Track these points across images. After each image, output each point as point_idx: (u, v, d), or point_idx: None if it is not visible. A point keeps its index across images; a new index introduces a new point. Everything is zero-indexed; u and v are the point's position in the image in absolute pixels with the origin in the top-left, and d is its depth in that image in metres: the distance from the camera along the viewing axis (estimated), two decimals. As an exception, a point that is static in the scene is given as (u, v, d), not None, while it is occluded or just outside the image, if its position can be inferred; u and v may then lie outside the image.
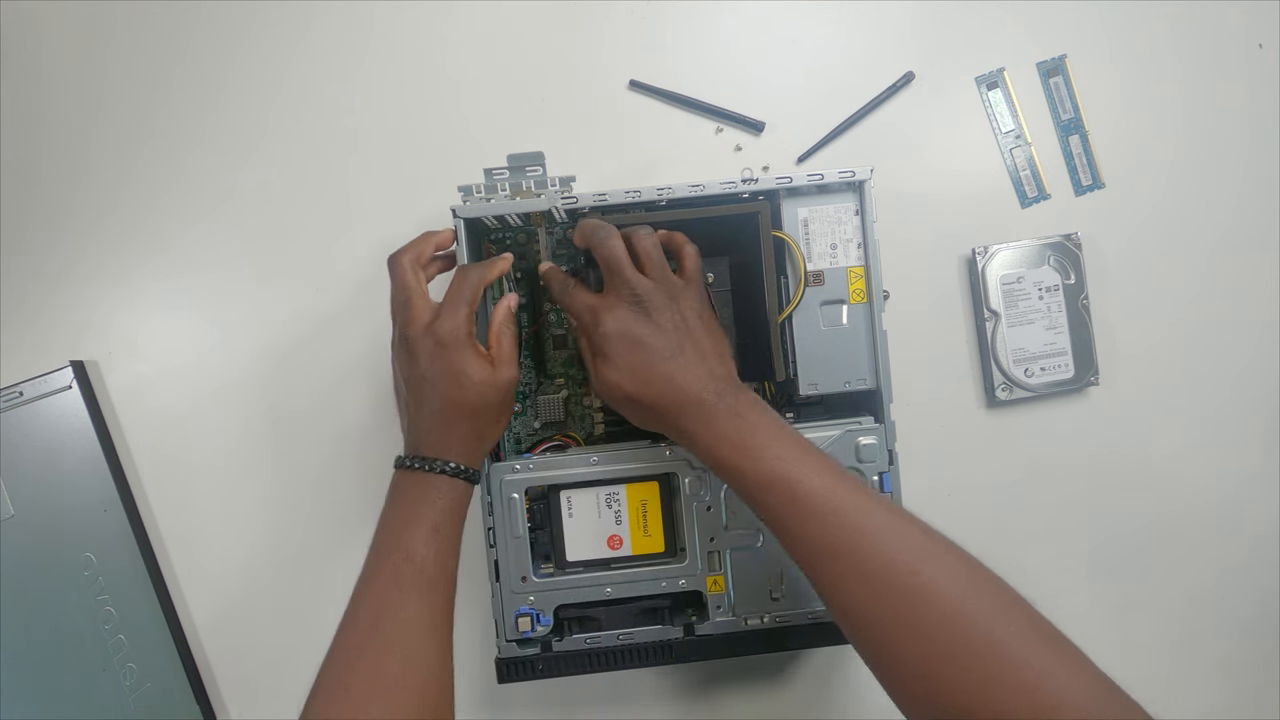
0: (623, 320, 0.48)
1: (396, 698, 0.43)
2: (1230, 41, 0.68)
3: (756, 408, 0.46)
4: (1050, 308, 0.65)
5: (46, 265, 0.67)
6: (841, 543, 0.42)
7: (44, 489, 0.63)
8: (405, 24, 0.67)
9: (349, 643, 0.45)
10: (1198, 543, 0.67)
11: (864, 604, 0.41)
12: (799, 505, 0.43)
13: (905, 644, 0.39)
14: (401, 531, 0.48)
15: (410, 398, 0.51)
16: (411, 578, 0.46)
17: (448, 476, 0.49)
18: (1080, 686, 0.37)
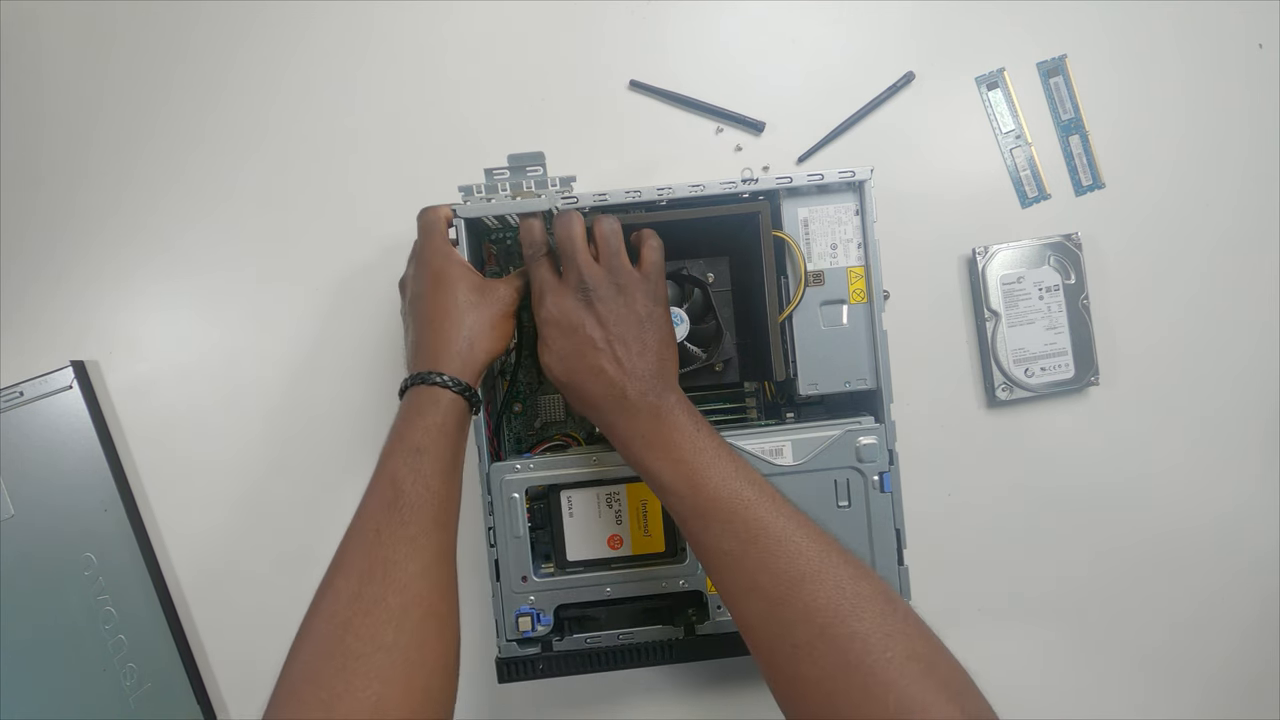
0: (563, 306, 0.49)
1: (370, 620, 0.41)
2: (1230, 41, 0.68)
3: (679, 408, 0.47)
4: (1050, 308, 0.65)
5: (47, 265, 0.67)
6: (738, 549, 0.42)
7: (44, 489, 0.63)
8: (405, 24, 0.67)
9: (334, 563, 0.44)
10: (1198, 542, 0.67)
11: (754, 612, 0.41)
12: (700, 509, 0.43)
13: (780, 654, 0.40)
14: (386, 455, 0.47)
15: (412, 330, 0.52)
16: (391, 500, 0.45)
17: (436, 388, 0.48)
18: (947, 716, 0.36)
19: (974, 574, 0.66)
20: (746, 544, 0.42)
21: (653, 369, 0.48)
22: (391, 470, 0.46)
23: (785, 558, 0.41)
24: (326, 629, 0.41)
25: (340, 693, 0.39)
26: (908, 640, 0.39)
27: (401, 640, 0.41)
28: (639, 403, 0.47)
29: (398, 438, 0.47)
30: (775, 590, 0.40)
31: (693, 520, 0.44)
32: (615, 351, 0.48)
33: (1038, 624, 0.66)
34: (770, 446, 0.54)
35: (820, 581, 0.40)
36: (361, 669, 0.39)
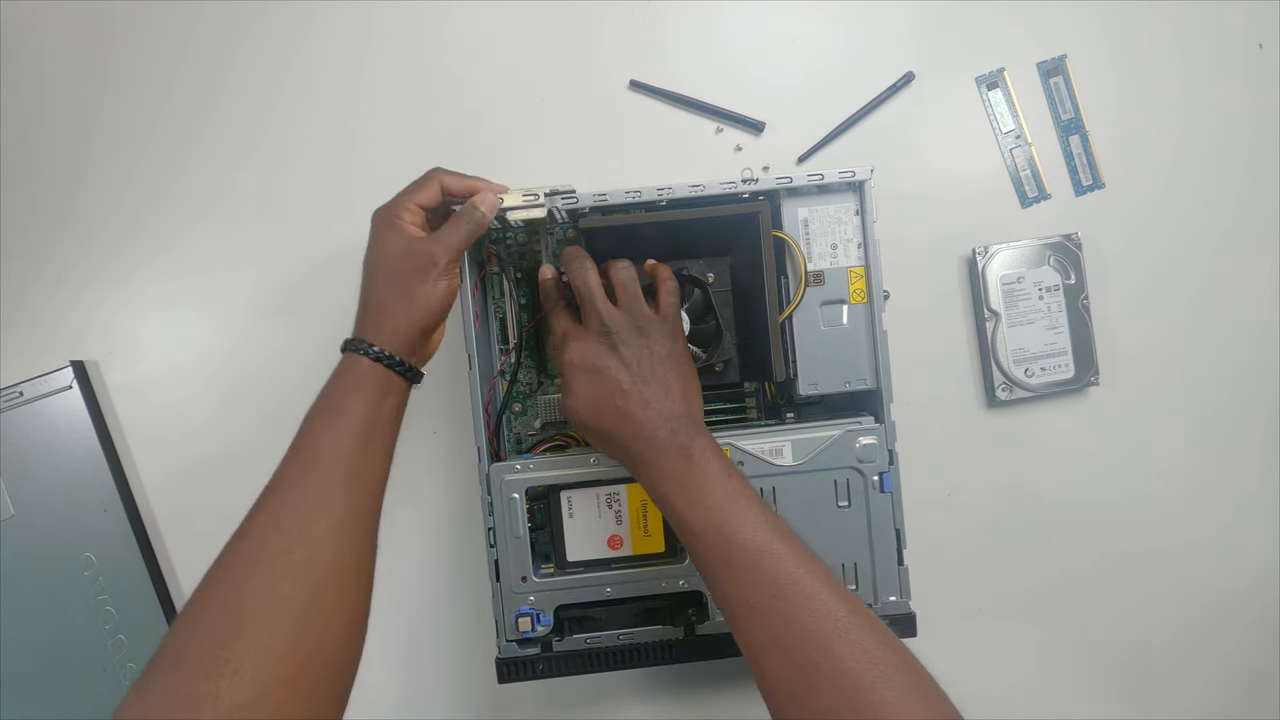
0: (587, 351, 0.49)
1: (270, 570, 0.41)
2: (1230, 41, 0.68)
3: (710, 452, 0.46)
4: (1050, 308, 0.65)
5: (47, 265, 0.67)
6: (764, 603, 0.41)
7: (44, 489, 0.63)
8: (406, 25, 0.67)
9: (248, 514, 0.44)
10: (1198, 542, 0.67)
11: (776, 668, 0.41)
12: (729, 558, 0.43)
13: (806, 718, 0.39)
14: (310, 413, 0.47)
15: None
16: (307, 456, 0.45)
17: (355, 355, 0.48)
18: None
19: (974, 574, 0.66)
20: (773, 598, 0.41)
21: (680, 409, 0.48)
22: (308, 431, 0.46)
23: (813, 615, 0.40)
24: (226, 576, 0.41)
25: (229, 637, 0.38)
26: (932, 711, 0.38)
27: (299, 595, 0.41)
28: (669, 444, 0.46)
29: (322, 398, 0.48)
30: (802, 650, 0.40)
31: (720, 569, 0.43)
32: (642, 393, 0.48)
33: (1037, 623, 0.66)
34: (770, 446, 0.54)
35: (849, 644, 0.39)
36: (255, 618, 0.39)
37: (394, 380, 0.49)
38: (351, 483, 0.45)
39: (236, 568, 0.41)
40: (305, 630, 0.40)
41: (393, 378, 0.48)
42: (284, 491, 0.44)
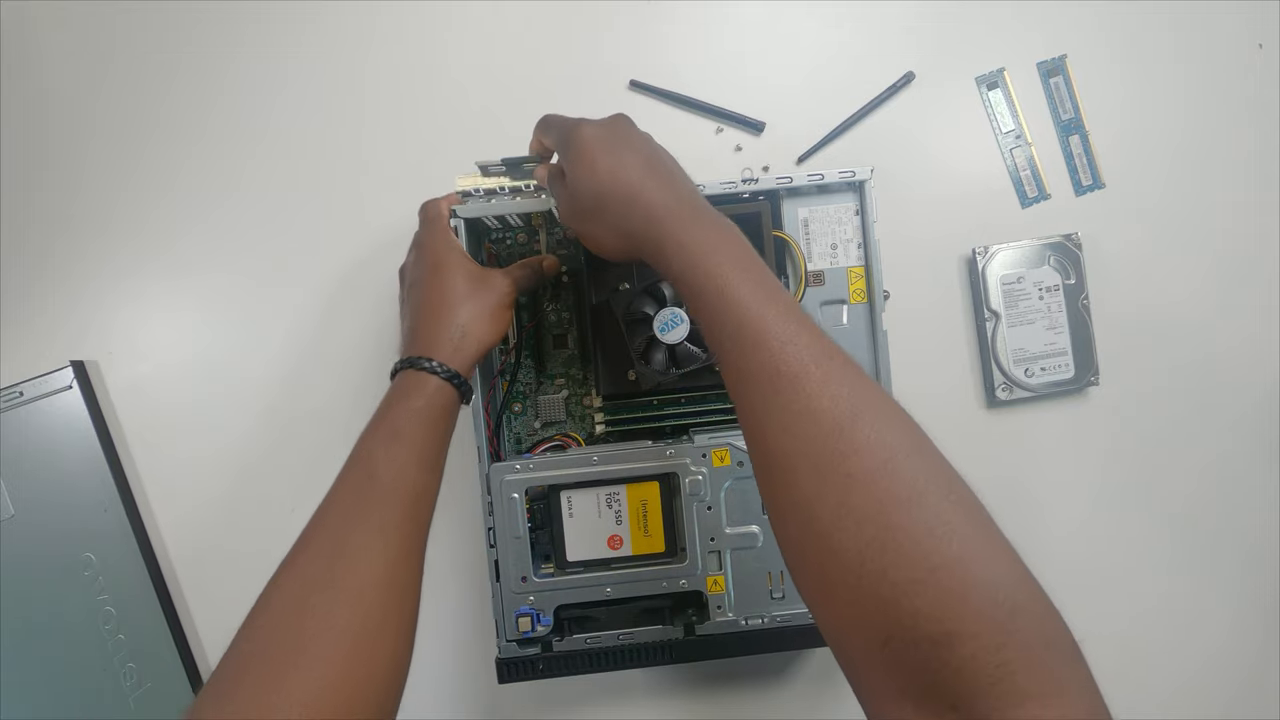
0: (601, 128, 0.46)
1: (326, 599, 0.40)
2: (1230, 41, 0.68)
3: (734, 226, 0.43)
4: (1050, 308, 0.65)
5: (47, 266, 0.67)
6: (796, 372, 0.37)
7: (44, 489, 0.63)
8: (406, 25, 0.67)
9: (299, 540, 0.44)
10: (1198, 542, 0.67)
11: (805, 436, 0.36)
12: (781, 319, 0.38)
13: (831, 482, 0.35)
14: (365, 436, 0.46)
15: (406, 315, 0.52)
16: (363, 482, 0.44)
17: (423, 373, 0.47)
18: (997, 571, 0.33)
19: (974, 574, 0.66)
20: (810, 364, 0.37)
21: (693, 188, 0.46)
22: (367, 453, 0.45)
23: (849, 384, 0.37)
24: (281, 605, 0.41)
25: (287, 668, 0.38)
26: (969, 494, 0.36)
27: (354, 624, 0.40)
28: (698, 206, 0.43)
29: (378, 419, 0.47)
30: (834, 417, 0.35)
31: (754, 327, 0.38)
32: (660, 156, 0.46)
33: (1038, 624, 0.66)
34: (770, 446, 0.54)
35: (883, 416, 0.36)
36: (313, 649, 0.39)
37: (454, 400, 0.49)
38: (408, 509, 0.45)
39: (293, 596, 0.41)
40: (358, 660, 0.40)
41: (454, 399, 0.49)
42: (342, 517, 0.44)
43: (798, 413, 0.36)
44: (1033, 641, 0.31)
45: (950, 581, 0.31)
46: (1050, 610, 0.32)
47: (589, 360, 0.61)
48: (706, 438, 0.55)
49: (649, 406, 0.59)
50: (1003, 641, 0.30)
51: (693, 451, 0.54)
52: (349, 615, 0.40)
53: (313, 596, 0.40)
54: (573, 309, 0.62)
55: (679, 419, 0.59)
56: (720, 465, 0.54)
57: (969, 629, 0.30)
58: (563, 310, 0.63)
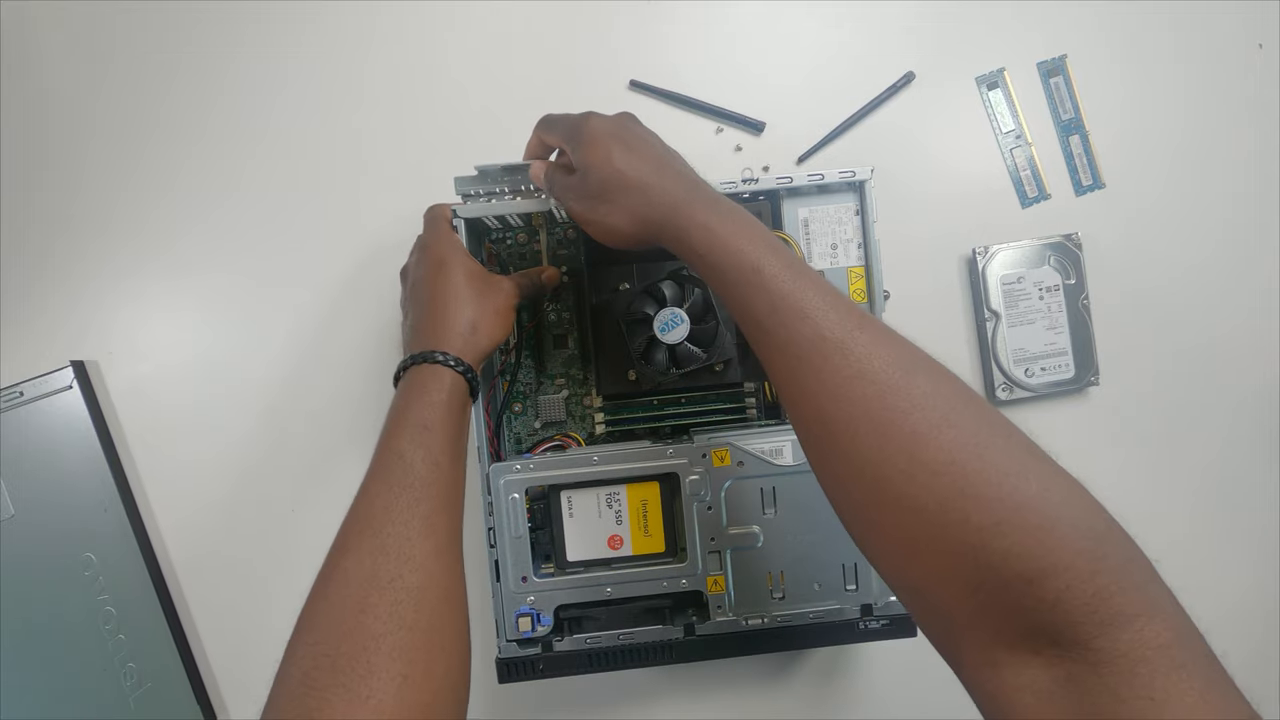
0: (609, 120, 0.47)
1: (388, 598, 0.39)
2: (1230, 41, 0.68)
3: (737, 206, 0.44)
4: (1050, 308, 0.65)
5: (47, 266, 0.67)
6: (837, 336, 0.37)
7: (44, 489, 0.63)
8: (407, 25, 0.67)
9: (340, 544, 0.43)
10: (1198, 544, 0.67)
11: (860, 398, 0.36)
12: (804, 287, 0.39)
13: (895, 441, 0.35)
14: (391, 431, 0.46)
15: (410, 313, 0.52)
16: (400, 476, 0.44)
17: (432, 365, 0.47)
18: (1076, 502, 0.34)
19: (974, 574, 0.66)
20: (854, 329, 0.37)
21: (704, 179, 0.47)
22: (398, 448, 0.45)
23: (895, 345, 0.37)
24: (340, 611, 0.39)
25: (364, 674, 0.37)
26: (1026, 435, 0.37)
27: (421, 620, 0.40)
28: (714, 193, 0.44)
29: (401, 416, 0.46)
30: (889, 376, 0.36)
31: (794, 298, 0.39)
32: (665, 149, 0.47)
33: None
34: (770, 446, 0.54)
35: (934, 371, 0.37)
36: (385, 649, 0.38)
37: (468, 394, 0.49)
38: (447, 500, 0.45)
39: (350, 601, 0.40)
40: (434, 655, 0.40)
41: (467, 392, 0.49)
42: (383, 514, 0.43)
43: (849, 377, 0.36)
44: (1122, 565, 0.31)
45: (1035, 518, 0.32)
46: (1127, 534, 0.33)
47: (589, 360, 0.61)
48: (706, 438, 0.55)
49: (649, 406, 0.59)
50: (1095, 569, 0.31)
51: (693, 451, 0.54)
52: (414, 613, 0.40)
53: (371, 596, 0.39)
54: (573, 309, 0.62)
55: (679, 419, 0.59)
56: (720, 465, 0.54)
57: (1061, 562, 0.31)
58: (563, 310, 0.63)
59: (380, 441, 0.46)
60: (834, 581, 0.55)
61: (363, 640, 0.38)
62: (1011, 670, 0.31)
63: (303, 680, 0.37)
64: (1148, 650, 0.29)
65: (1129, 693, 0.29)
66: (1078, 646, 0.30)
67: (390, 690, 0.37)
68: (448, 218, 0.55)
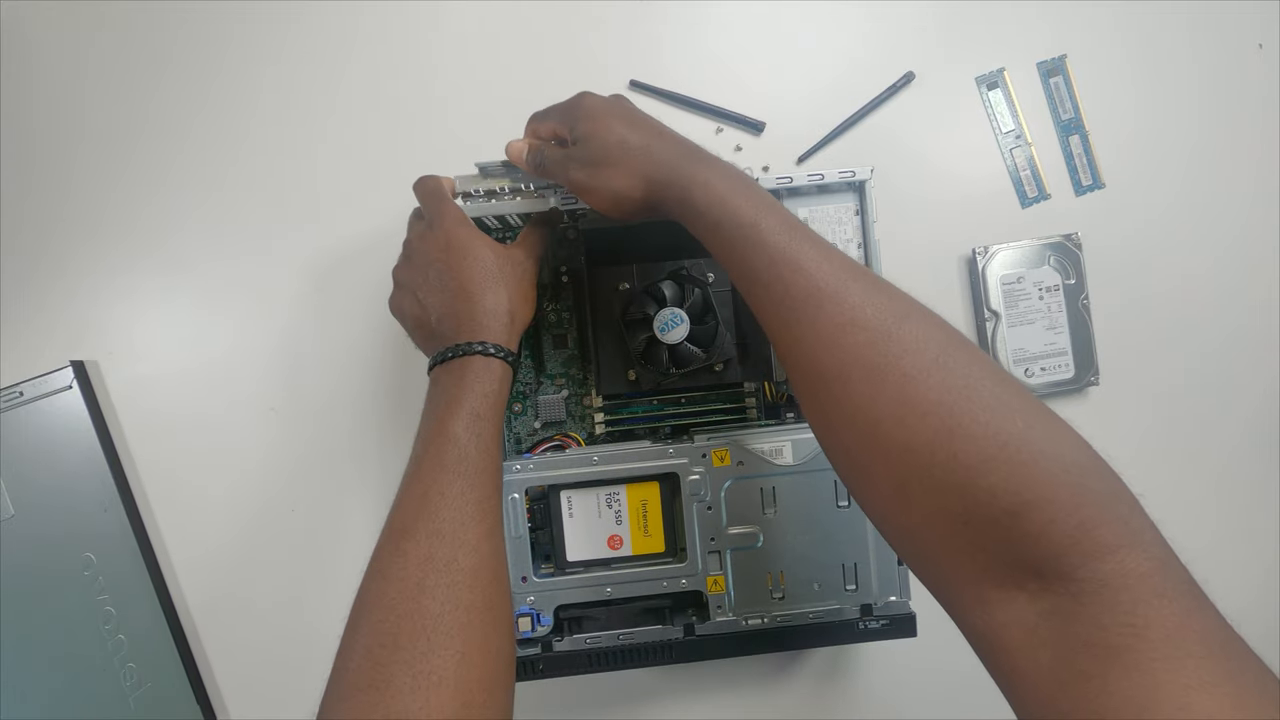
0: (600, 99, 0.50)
1: (445, 579, 0.41)
2: (1230, 41, 0.68)
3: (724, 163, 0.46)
4: (1050, 308, 0.65)
5: (46, 265, 0.67)
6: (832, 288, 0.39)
7: (44, 489, 0.63)
8: (403, 23, 0.67)
9: (397, 527, 0.43)
10: (1198, 543, 0.67)
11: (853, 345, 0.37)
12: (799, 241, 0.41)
13: (889, 384, 0.36)
14: (445, 418, 0.46)
15: (428, 297, 0.50)
16: (455, 462, 0.44)
17: (484, 357, 0.48)
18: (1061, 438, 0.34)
19: (974, 574, 0.66)
20: (848, 280, 0.39)
21: None
22: (453, 433, 0.45)
23: (887, 294, 0.38)
24: (398, 592, 0.40)
25: (424, 652, 0.38)
26: (1013, 376, 0.37)
27: (477, 600, 0.41)
28: (712, 154, 0.46)
29: (454, 403, 0.46)
30: (881, 322, 0.37)
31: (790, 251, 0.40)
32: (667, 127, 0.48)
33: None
34: (770, 447, 0.54)
35: (925, 318, 0.38)
36: (444, 627, 0.39)
37: (510, 382, 0.50)
38: (497, 486, 0.46)
39: (409, 581, 0.41)
40: (489, 634, 0.41)
41: (510, 380, 0.50)
42: (439, 498, 0.43)
43: (843, 324, 0.38)
44: (1104, 498, 0.32)
45: (1021, 454, 0.33)
46: (1110, 468, 0.34)
47: (589, 360, 0.61)
48: (706, 438, 0.55)
49: (649, 406, 0.59)
50: (1079, 501, 0.31)
51: (693, 451, 0.54)
52: (470, 594, 0.41)
53: (429, 577, 0.41)
54: (573, 309, 0.62)
55: (679, 419, 0.59)
56: (720, 465, 0.54)
57: (1045, 495, 0.32)
58: (563, 310, 0.63)
59: (430, 428, 0.46)
60: (834, 581, 0.55)
61: (422, 620, 0.39)
62: (999, 607, 0.32)
63: (366, 655, 0.39)
64: (1129, 579, 0.30)
65: (1110, 620, 0.30)
66: (1061, 578, 0.31)
67: (450, 666, 0.38)
68: (450, 190, 0.54)
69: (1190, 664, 0.28)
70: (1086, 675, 0.29)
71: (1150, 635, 0.29)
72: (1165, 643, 0.29)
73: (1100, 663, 0.29)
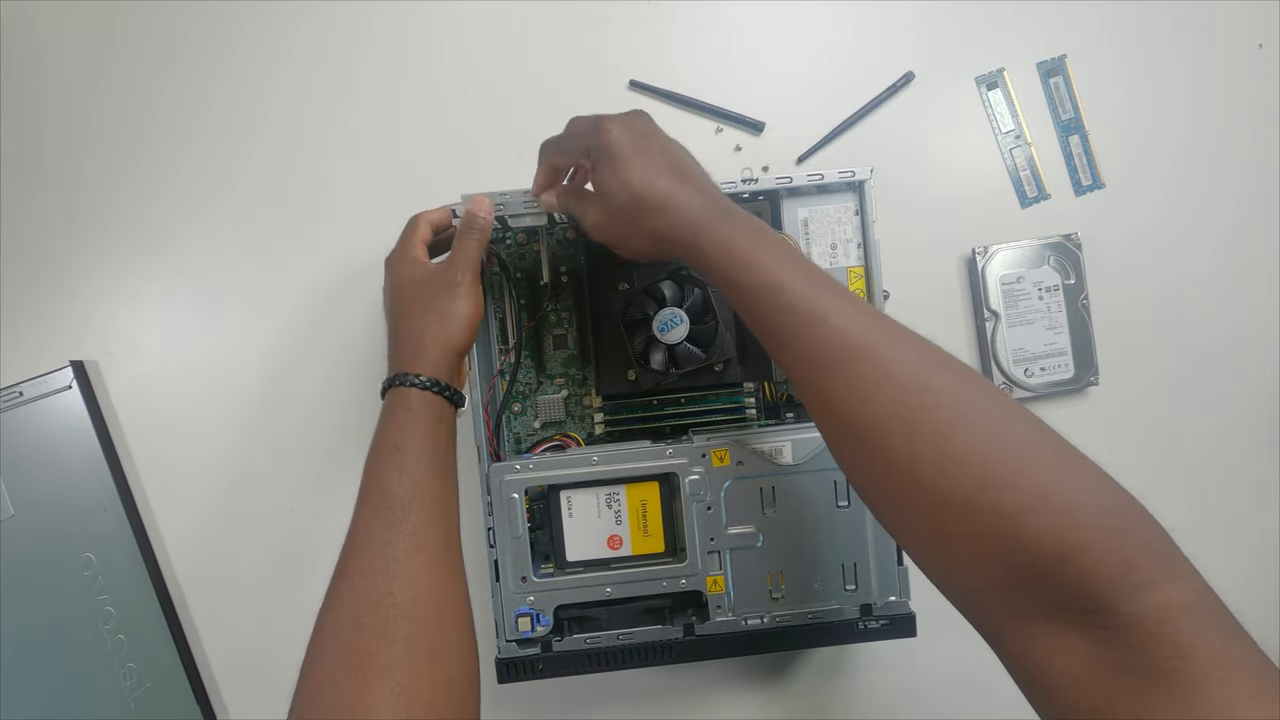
0: (627, 125, 0.47)
1: (380, 616, 0.41)
2: (1230, 41, 0.68)
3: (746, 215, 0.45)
4: (1050, 308, 0.65)
5: (46, 265, 0.67)
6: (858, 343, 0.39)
7: (44, 489, 0.63)
8: (405, 25, 0.67)
9: (336, 568, 0.44)
10: (1197, 544, 0.67)
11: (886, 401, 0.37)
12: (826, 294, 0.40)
13: (923, 437, 0.36)
14: (369, 456, 0.47)
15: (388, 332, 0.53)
16: (378, 498, 0.45)
17: (404, 388, 0.48)
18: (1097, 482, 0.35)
19: (974, 574, 0.66)
20: (877, 333, 0.39)
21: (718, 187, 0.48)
22: (374, 471, 0.47)
23: (916, 346, 0.38)
24: (336, 633, 0.41)
25: (361, 689, 0.39)
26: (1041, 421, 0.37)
27: (418, 633, 0.41)
28: (730, 206, 0.45)
29: (376, 441, 0.48)
30: (913, 376, 0.37)
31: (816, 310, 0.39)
32: (687, 160, 0.48)
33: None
34: (770, 447, 0.54)
35: (956, 368, 0.38)
36: (379, 664, 0.40)
37: (444, 407, 0.49)
38: (434, 514, 0.46)
39: (343, 622, 0.42)
40: (436, 665, 0.41)
41: (442, 405, 0.49)
42: (367, 536, 0.44)
43: (875, 380, 0.38)
44: (1143, 536, 0.33)
45: (1061, 501, 0.33)
46: (1143, 507, 0.35)
47: (589, 360, 0.61)
48: (706, 438, 0.55)
49: (649, 406, 0.59)
50: (1120, 542, 0.32)
51: (692, 451, 0.54)
52: (408, 627, 0.41)
53: (364, 616, 0.41)
54: (573, 309, 0.63)
55: (679, 419, 0.59)
56: (720, 465, 0.54)
57: (1088, 539, 0.32)
58: (563, 310, 0.63)
59: (363, 471, 0.47)
60: (834, 581, 0.55)
61: (358, 658, 0.40)
62: (1047, 639, 0.33)
63: (307, 699, 0.40)
64: (1173, 610, 0.31)
65: (1158, 647, 0.31)
66: (1107, 612, 0.32)
67: (388, 703, 0.39)
68: (421, 225, 0.54)
69: (1236, 683, 0.30)
70: (1137, 693, 0.31)
71: (1197, 658, 0.30)
72: (1212, 665, 0.30)
73: (1151, 683, 0.30)
